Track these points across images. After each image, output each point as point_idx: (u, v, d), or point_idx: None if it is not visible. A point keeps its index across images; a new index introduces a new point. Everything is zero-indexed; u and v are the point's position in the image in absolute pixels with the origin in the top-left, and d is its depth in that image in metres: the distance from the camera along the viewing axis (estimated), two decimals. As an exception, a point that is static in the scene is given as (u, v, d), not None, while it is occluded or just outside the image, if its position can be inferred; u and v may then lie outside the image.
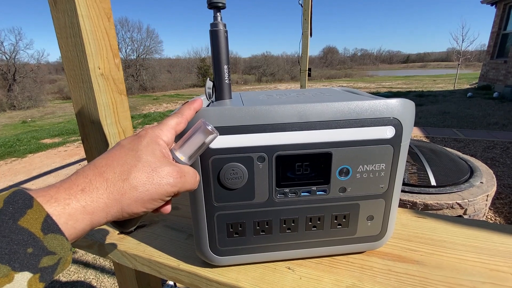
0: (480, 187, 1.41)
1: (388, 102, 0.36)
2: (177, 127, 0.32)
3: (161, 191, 0.27)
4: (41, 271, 0.20)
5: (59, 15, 0.60)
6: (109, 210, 0.25)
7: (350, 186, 0.38)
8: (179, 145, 0.31)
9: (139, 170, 0.26)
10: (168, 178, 0.27)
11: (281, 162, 0.36)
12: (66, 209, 0.22)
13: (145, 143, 0.28)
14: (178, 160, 0.30)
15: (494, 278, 0.40)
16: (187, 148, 0.31)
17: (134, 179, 0.26)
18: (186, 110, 0.33)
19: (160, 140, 0.29)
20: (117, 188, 0.25)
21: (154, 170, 0.27)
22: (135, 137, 0.29)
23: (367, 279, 0.40)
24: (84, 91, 0.65)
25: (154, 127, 0.31)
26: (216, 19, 0.39)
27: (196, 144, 0.31)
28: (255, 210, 0.38)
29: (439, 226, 0.52)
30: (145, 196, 0.26)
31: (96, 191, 0.24)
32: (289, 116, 0.35)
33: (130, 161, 0.26)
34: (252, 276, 0.40)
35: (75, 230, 0.23)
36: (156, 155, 0.28)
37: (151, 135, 0.29)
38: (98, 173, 0.25)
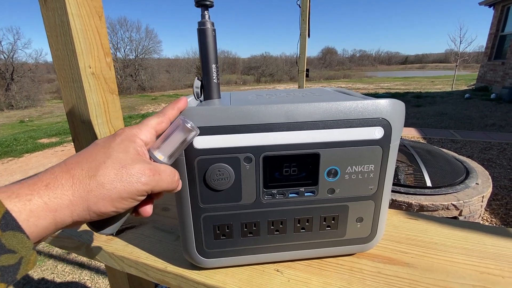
0: (475, 188, 1.41)
1: (376, 103, 0.36)
2: (158, 127, 0.31)
3: (131, 189, 0.26)
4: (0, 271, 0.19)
5: (49, 13, 0.59)
6: (74, 208, 0.23)
7: (339, 187, 0.37)
8: (158, 144, 0.30)
9: (107, 166, 0.25)
10: (139, 175, 0.26)
11: (269, 162, 0.35)
12: (27, 205, 0.21)
13: (118, 141, 0.27)
14: (157, 160, 0.29)
15: (484, 281, 0.39)
16: (166, 147, 0.30)
17: (101, 176, 0.24)
18: (169, 110, 0.32)
19: (136, 139, 0.29)
20: (83, 185, 0.24)
21: (123, 167, 0.26)
22: (110, 136, 0.29)
23: (356, 282, 0.39)
24: (74, 90, 0.64)
25: (132, 126, 0.30)
26: (203, 17, 0.38)
27: (175, 143, 0.30)
28: (242, 211, 0.37)
29: (431, 228, 0.52)
30: (113, 194, 0.25)
31: (61, 187, 0.23)
32: (276, 116, 0.34)
33: (99, 157, 0.26)
34: (239, 279, 0.40)
35: (36, 228, 0.22)
36: (129, 152, 0.27)
37: (127, 134, 0.29)
38: (66, 170, 0.24)
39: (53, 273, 1.88)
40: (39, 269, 1.91)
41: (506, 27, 8.37)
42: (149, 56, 20.41)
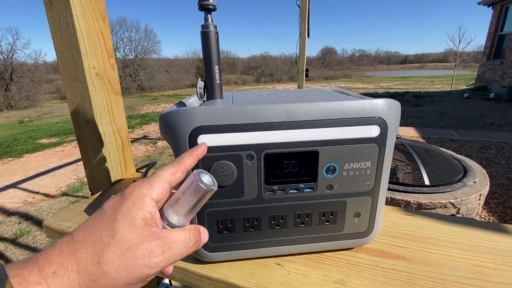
0: (473, 187, 1.43)
1: (373, 102, 0.37)
2: (172, 178, 0.28)
3: (138, 275, 0.23)
4: None
5: (54, 16, 0.60)
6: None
7: (337, 184, 0.39)
8: (172, 202, 0.28)
9: (112, 251, 0.23)
10: (147, 258, 0.24)
11: (270, 160, 0.37)
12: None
13: (125, 210, 0.25)
14: (169, 223, 0.27)
15: (478, 273, 0.41)
16: (181, 206, 0.27)
17: (105, 263, 0.23)
18: (186, 158, 0.30)
19: (146, 200, 0.26)
20: (88, 274, 0.22)
21: (129, 249, 0.23)
22: (118, 199, 0.26)
23: (354, 275, 0.41)
24: (79, 91, 0.65)
25: (143, 182, 0.27)
26: (206, 20, 0.40)
27: (190, 202, 0.27)
28: (244, 207, 0.39)
29: (427, 223, 0.53)
30: (118, 282, 0.23)
31: (68, 275, 0.22)
32: (277, 115, 0.36)
33: (104, 237, 0.24)
34: (242, 272, 0.41)
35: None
36: (136, 225, 0.24)
37: (136, 195, 0.26)
38: (73, 251, 0.23)
39: (54, 272, 1.89)
40: (41, 268, 1.93)
41: (505, 27, 8.40)
42: (149, 56, 20.41)
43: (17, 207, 2.84)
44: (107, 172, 0.71)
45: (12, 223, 2.55)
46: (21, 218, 2.62)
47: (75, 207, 0.62)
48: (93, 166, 0.70)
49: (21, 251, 2.14)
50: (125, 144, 0.76)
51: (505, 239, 0.48)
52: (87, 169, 0.71)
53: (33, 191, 3.24)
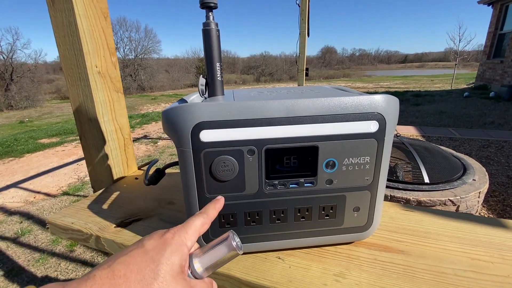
0: (472, 184, 1.44)
1: (372, 98, 0.38)
2: (202, 229, 0.31)
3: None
4: None
5: (57, 14, 0.61)
6: None
7: (337, 178, 0.40)
8: (200, 252, 0.30)
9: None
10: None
11: (270, 155, 0.38)
12: None
13: (168, 254, 0.26)
14: (193, 271, 0.29)
15: (475, 266, 0.42)
16: (207, 258, 0.29)
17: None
18: (211, 211, 0.33)
19: (184, 248, 0.28)
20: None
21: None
22: (160, 242, 0.27)
23: (353, 268, 0.41)
24: (81, 89, 0.66)
25: (181, 229, 0.29)
26: (208, 18, 0.41)
27: (217, 256, 0.29)
28: (245, 201, 0.40)
29: (426, 218, 0.54)
30: None
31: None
32: (277, 111, 0.36)
33: (148, 277, 0.24)
34: (243, 265, 0.42)
35: None
36: (174, 271, 0.26)
37: (177, 242, 0.28)
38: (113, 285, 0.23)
39: (56, 271, 1.90)
40: (42, 267, 1.94)
41: (505, 26, 8.39)
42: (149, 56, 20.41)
43: (18, 207, 2.85)
44: (109, 169, 0.72)
45: (14, 223, 2.56)
46: (22, 218, 2.63)
47: (78, 204, 0.63)
48: (96, 164, 0.71)
49: (22, 250, 2.15)
50: (127, 142, 0.76)
51: (502, 233, 0.49)
52: (89, 166, 0.72)
53: (34, 190, 3.25)
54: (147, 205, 0.61)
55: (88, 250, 2.12)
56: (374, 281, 0.39)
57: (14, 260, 2.03)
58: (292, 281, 0.39)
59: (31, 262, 2.00)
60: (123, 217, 0.57)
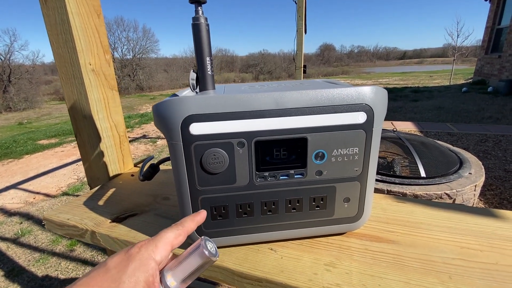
0: (468, 178, 1.44)
1: (360, 90, 0.38)
2: (175, 241, 0.29)
3: None
4: None
5: (49, 13, 0.61)
6: None
7: (326, 170, 0.40)
8: (172, 266, 0.28)
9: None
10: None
11: (260, 147, 0.38)
12: None
13: (130, 271, 0.25)
14: (166, 286, 0.28)
15: (464, 254, 0.42)
16: (181, 271, 0.28)
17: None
18: (188, 223, 0.32)
19: (151, 263, 0.27)
20: None
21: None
22: (124, 258, 0.26)
23: (344, 257, 0.42)
24: (75, 86, 0.66)
25: (149, 243, 0.28)
26: (197, 13, 0.41)
27: (191, 267, 0.28)
28: (237, 193, 0.40)
29: (417, 209, 0.55)
30: None
31: None
32: (266, 103, 0.37)
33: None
34: (236, 257, 0.43)
35: None
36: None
37: (142, 257, 0.26)
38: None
39: (56, 270, 1.91)
40: (43, 267, 1.94)
41: (503, 21, 8.38)
42: (147, 56, 20.33)
43: (18, 208, 2.86)
44: (105, 166, 0.72)
45: (13, 223, 2.56)
46: (22, 218, 2.63)
47: (74, 201, 0.63)
48: (91, 161, 0.72)
49: (22, 250, 2.16)
50: (122, 139, 0.77)
51: (491, 223, 0.50)
52: (85, 164, 0.72)
53: (33, 191, 3.25)
54: (143, 201, 0.62)
55: (88, 249, 2.12)
56: (364, 269, 0.39)
57: (14, 261, 2.04)
58: (284, 271, 0.40)
59: (32, 262, 2.00)
60: (119, 212, 0.57)
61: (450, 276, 0.38)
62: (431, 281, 0.37)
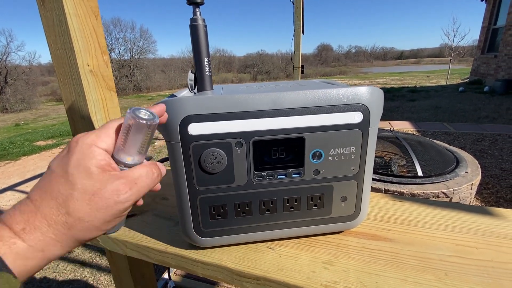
0: (465, 177, 1.46)
1: (356, 90, 0.39)
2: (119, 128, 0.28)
3: (113, 212, 0.24)
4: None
5: (47, 14, 0.61)
6: (62, 243, 0.23)
7: (323, 169, 0.41)
8: (120, 145, 0.27)
9: (77, 200, 0.23)
10: (115, 197, 0.24)
11: (258, 147, 0.39)
12: (12, 248, 0.21)
13: (74, 162, 0.24)
14: (126, 165, 0.27)
15: (460, 251, 0.43)
16: (130, 147, 0.27)
17: (74, 211, 0.23)
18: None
19: (95, 150, 0.25)
20: (60, 224, 0.23)
21: (95, 194, 0.24)
22: (64, 155, 0.25)
23: (342, 256, 0.43)
24: (73, 87, 0.66)
25: (88, 133, 0.26)
26: (195, 14, 0.41)
27: (138, 140, 0.27)
28: (235, 192, 0.40)
29: (414, 208, 0.55)
30: (96, 223, 0.24)
31: (39, 229, 0.22)
32: (263, 103, 0.37)
33: (63, 190, 0.23)
34: (234, 256, 0.43)
35: (25, 267, 0.22)
36: (92, 173, 0.24)
37: (81, 147, 0.25)
38: (34, 210, 0.23)
39: (54, 272, 1.90)
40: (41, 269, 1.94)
41: (498, 21, 8.45)
42: (144, 56, 20.30)
43: (15, 209, 2.84)
44: (104, 167, 0.72)
45: (11, 225, 2.55)
46: (20, 220, 2.61)
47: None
48: (90, 162, 0.72)
49: (20, 252, 2.15)
50: (120, 140, 0.77)
51: (487, 220, 0.50)
52: (83, 165, 0.72)
53: (31, 193, 3.23)
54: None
55: (86, 250, 2.12)
56: (361, 267, 0.40)
57: (12, 263, 2.03)
58: (282, 269, 0.40)
59: (29, 264, 2.00)
60: (117, 213, 0.57)
61: (446, 273, 0.38)
62: (427, 278, 0.38)
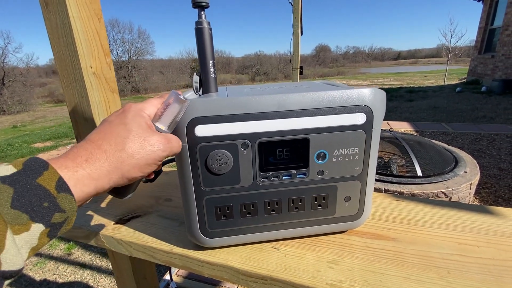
0: (464, 176, 1.47)
1: (359, 91, 0.39)
2: (159, 105, 0.36)
3: (154, 156, 0.31)
4: (51, 227, 0.23)
5: (51, 16, 0.62)
6: (112, 176, 0.29)
7: (328, 169, 0.41)
8: (158, 116, 0.35)
9: (132, 140, 0.30)
10: (158, 144, 0.31)
11: (263, 148, 0.39)
12: (75, 174, 0.26)
13: (131, 116, 0.32)
14: (160, 130, 0.34)
15: (461, 250, 0.44)
16: (165, 118, 0.35)
17: (129, 148, 0.29)
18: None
19: (143, 113, 0.33)
20: (116, 158, 0.29)
21: (144, 139, 0.31)
22: (120, 112, 0.33)
23: (346, 255, 0.43)
24: (77, 89, 0.67)
25: (137, 103, 0.34)
26: (200, 17, 0.42)
27: (173, 113, 0.35)
28: (241, 193, 0.41)
29: (416, 207, 0.56)
30: (141, 162, 0.30)
31: (98, 161, 0.28)
32: (269, 105, 0.38)
33: (122, 133, 0.30)
34: (240, 256, 0.43)
35: (82, 193, 0.26)
36: (143, 126, 0.32)
37: (135, 109, 0.33)
38: (96, 146, 0.29)
39: (54, 274, 1.90)
40: (41, 271, 1.93)
41: (495, 21, 8.52)
42: (142, 58, 20.27)
43: (14, 212, 2.82)
44: (107, 169, 0.73)
45: (10, 227, 2.53)
46: (19, 222, 2.60)
47: (76, 203, 0.64)
48: (93, 164, 0.72)
49: (19, 254, 2.14)
50: (123, 142, 0.77)
51: (488, 219, 0.51)
52: (86, 166, 0.73)
53: (29, 195, 3.22)
54: (145, 202, 0.62)
55: (86, 252, 2.11)
56: (365, 266, 0.41)
57: (11, 265, 2.02)
58: (287, 269, 0.41)
59: (29, 266, 1.99)
60: (122, 214, 0.58)
61: (449, 271, 0.39)
62: (430, 276, 0.38)
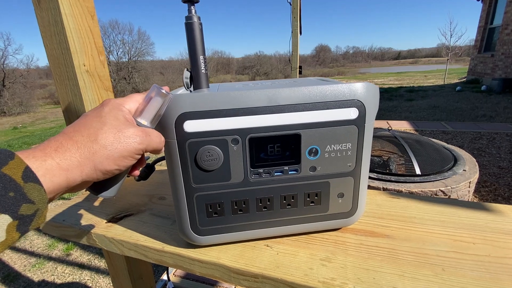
0: (463, 175, 1.46)
1: (351, 86, 0.39)
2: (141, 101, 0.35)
3: (130, 148, 0.30)
4: (19, 219, 0.22)
5: (43, 14, 0.61)
6: (83, 168, 0.27)
7: (320, 165, 0.41)
8: (139, 111, 0.34)
9: (105, 132, 0.29)
10: (135, 137, 0.31)
11: (254, 144, 0.39)
12: (43, 164, 0.25)
13: (107, 110, 0.31)
14: (141, 125, 0.33)
15: (457, 247, 0.43)
16: (147, 113, 0.34)
17: (102, 139, 0.29)
18: None
19: (122, 107, 0.32)
20: (87, 148, 0.28)
21: (119, 131, 0.30)
22: (98, 107, 0.32)
23: (339, 252, 0.42)
24: (70, 88, 0.66)
25: (116, 98, 0.34)
26: (190, 12, 0.41)
27: (155, 108, 0.34)
28: (232, 190, 0.40)
29: (411, 204, 0.55)
30: (115, 153, 0.29)
31: (68, 151, 0.27)
32: (259, 100, 0.37)
33: (95, 125, 0.29)
34: (232, 254, 0.43)
35: (52, 183, 0.25)
36: (119, 119, 0.31)
37: (113, 103, 0.32)
38: (68, 137, 0.28)
39: (53, 275, 1.89)
40: (39, 272, 1.92)
41: (495, 20, 8.50)
42: (142, 58, 20.28)
43: (13, 213, 2.82)
44: (101, 167, 0.72)
45: (9, 228, 2.53)
46: (18, 223, 2.60)
47: (69, 202, 0.63)
48: (87, 162, 0.71)
49: (18, 255, 2.14)
50: (117, 140, 0.77)
51: (484, 216, 0.50)
52: (80, 165, 0.72)
53: (29, 196, 3.22)
54: (138, 201, 0.62)
55: (84, 253, 2.11)
56: (359, 263, 0.40)
57: (10, 266, 2.01)
58: (280, 266, 0.40)
59: (28, 267, 1.98)
60: (114, 212, 0.57)
61: (443, 268, 0.38)
62: (425, 273, 0.38)
